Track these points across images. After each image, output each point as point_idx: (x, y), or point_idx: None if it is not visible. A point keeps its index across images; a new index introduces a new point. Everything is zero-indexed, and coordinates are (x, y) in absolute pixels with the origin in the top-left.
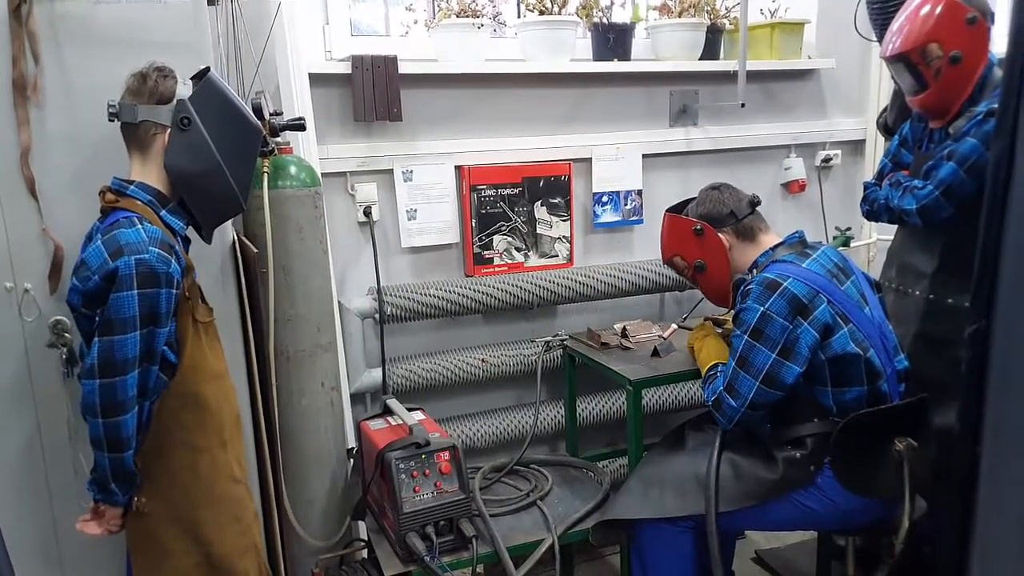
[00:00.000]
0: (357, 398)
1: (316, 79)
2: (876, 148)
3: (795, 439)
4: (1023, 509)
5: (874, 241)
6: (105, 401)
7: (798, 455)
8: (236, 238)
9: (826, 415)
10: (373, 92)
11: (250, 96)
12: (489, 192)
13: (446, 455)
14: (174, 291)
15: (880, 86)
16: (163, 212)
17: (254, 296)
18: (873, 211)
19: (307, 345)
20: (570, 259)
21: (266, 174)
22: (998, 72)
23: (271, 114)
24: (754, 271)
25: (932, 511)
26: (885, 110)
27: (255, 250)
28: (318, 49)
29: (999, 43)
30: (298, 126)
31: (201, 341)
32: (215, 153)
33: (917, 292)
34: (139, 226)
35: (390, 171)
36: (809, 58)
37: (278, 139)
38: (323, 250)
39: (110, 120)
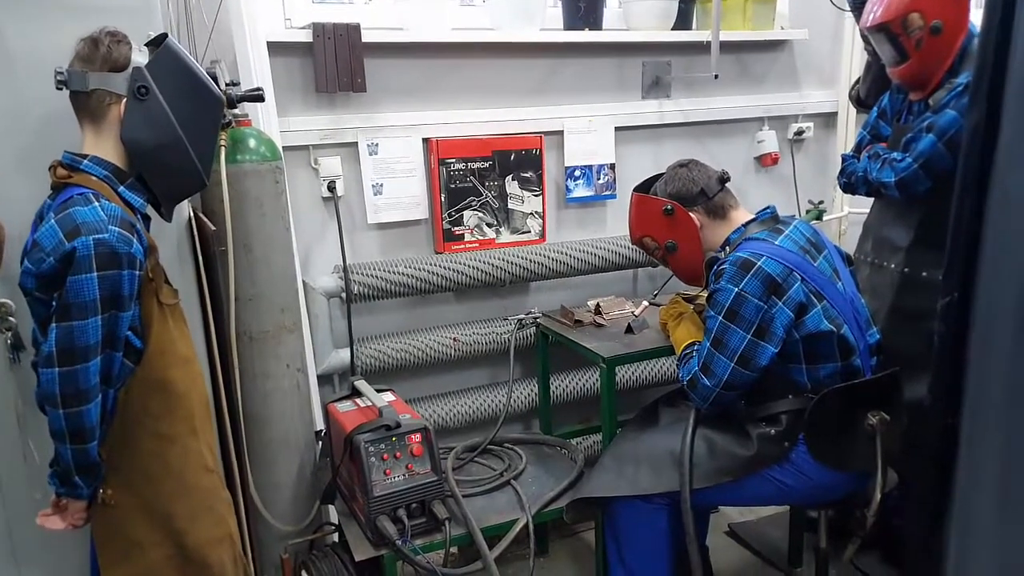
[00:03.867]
0: (324, 379)
1: (275, 48)
2: (848, 121)
3: (769, 416)
4: (1001, 481)
5: (846, 214)
6: (66, 390)
7: (772, 431)
8: (193, 215)
9: (800, 391)
10: (336, 62)
11: (204, 66)
12: (458, 166)
13: (417, 437)
14: (137, 272)
15: (852, 58)
16: (121, 188)
17: (213, 276)
18: (851, 183)
19: (270, 326)
20: (543, 235)
21: (223, 147)
22: (977, 43)
23: (228, 84)
24: (726, 249)
25: (902, 482)
26: (858, 82)
27: (213, 228)
28: (277, 16)
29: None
30: (256, 97)
31: (167, 324)
32: (175, 124)
33: (892, 266)
34: (96, 203)
35: (354, 144)
36: (782, 28)
37: (236, 111)
38: (285, 227)
39: (58, 88)
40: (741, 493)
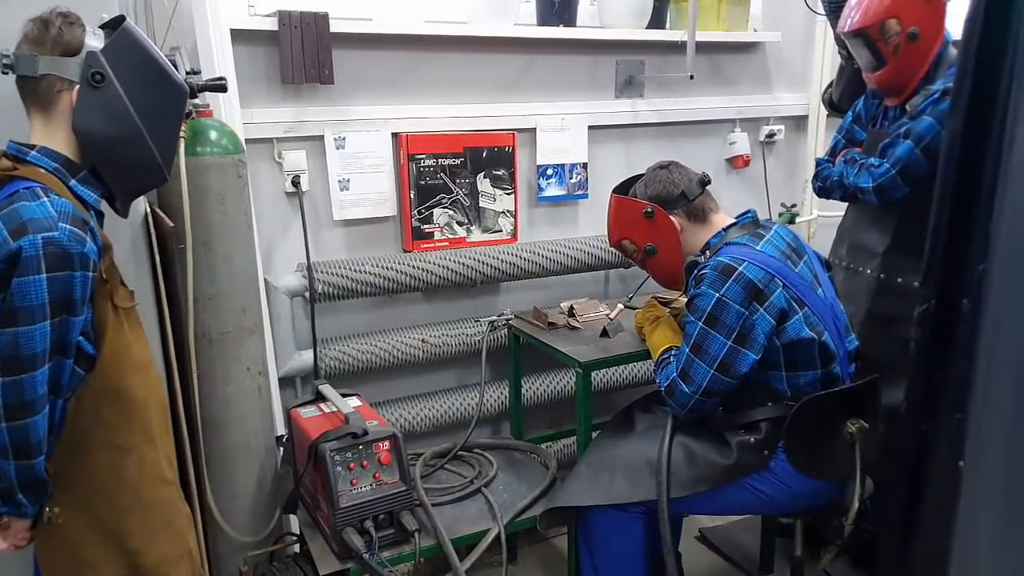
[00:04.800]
0: (286, 382)
1: (238, 36)
2: (819, 124)
3: (749, 423)
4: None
5: (815, 218)
6: (9, 401)
7: (752, 439)
8: (149, 210)
9: (780, 399)
10: (302, 52)
11: (163, 53)
12: (429, 162)
13: (385, 445)
14: (90, 274)
15: (824, 61)
16: (73, 182)
17: (170, 275)
18: (826, 188)
19: (231, 327)
20: (514, 234)
21: (183, 139)
22: (953, 50)
23: (188, 73)
24: (706, 253)
25: (876, 488)
26: (830, 85)
27: (171, 224)
28: (240, 2)
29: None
30: (219, 86)
31: (123, 328)
32: (133, 114)
33: (868, 271)
34: (45, 199)
35: (320, 138)
36: (755, 30)
37: (196, 101)
38: (247, 223)
39: (3, 72)
40: (719, 502)
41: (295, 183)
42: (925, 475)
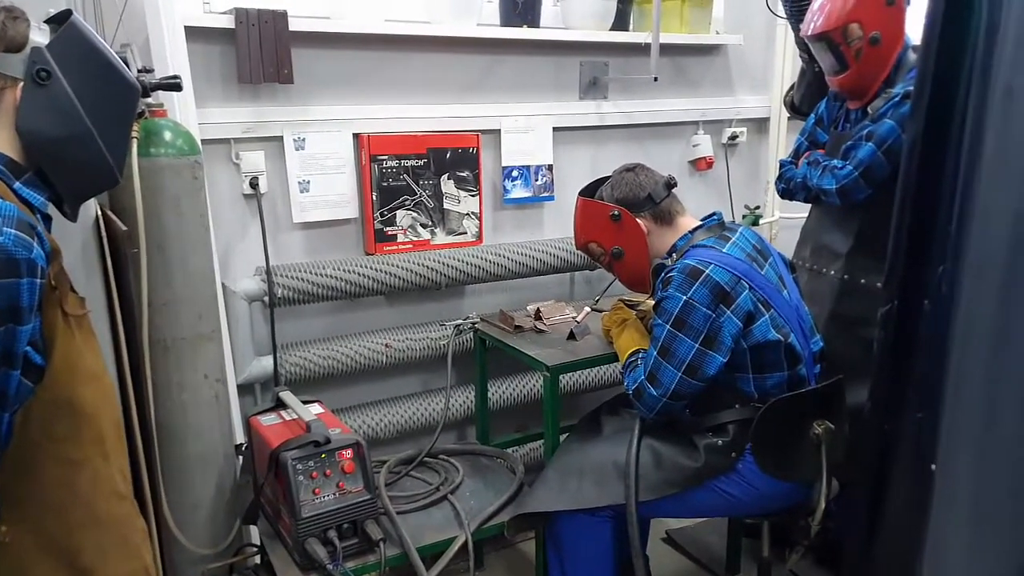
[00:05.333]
0: (245, 390)
1: (193, 33)
2: (780, 126)
3: (716, 426)
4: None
5: (777, 219)
6: None
7: (719, 442)
8: (100, 213)
9: (747, 401)
10: (260, 50)
11: (113, 49)
12: (391, 163)
13: (349, 453)
14: (38, 281)
15: (784, 64)
16: (17, 184)
17: (123, 280)
18: (789, 189)
19: (187, 333)
20: (479, 236)
21: (136, 140)
22: (912, 55)
23: (140, 71)
24: (673, 256)
25: (841, 488)
26: (792, 88)
27: (123, 227)
28: None
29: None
30: (173, 85)
31: (73, 338)
32: (81, 113)
33: (832, 272)
34: None
35: (279, 138)
36: (717, 33)
37: (149, 100)
38: (204, 226)
39: None
40: (687, 504)
41: (253, 185)
42: (889, 474)
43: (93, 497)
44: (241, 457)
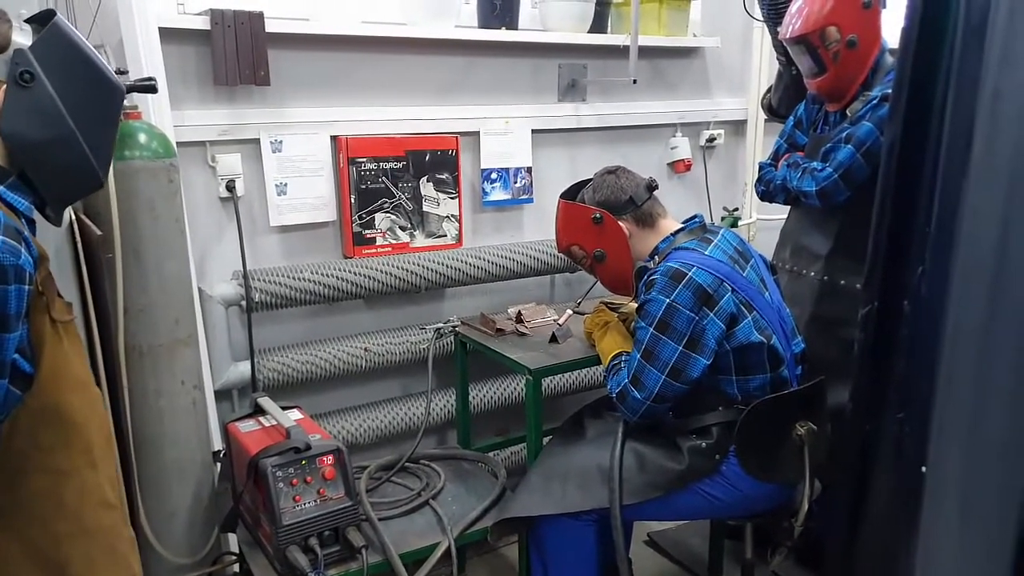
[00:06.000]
0: (222, 396)
1: (168, 35)
2: (758, 128)
3: (700, 428)
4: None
5: (755, 221)
6: None
7: (703, 444)
8: (75, 218)
9: (731, 403)
10: (236, 52)
11: None
12: (370, 166)
13: (329, 459)
14: (26, 287)
15: (762, 67)
16: (2, 188)
17: (98, 286)
18: (769, 191)
19: (164, 339)
20: (459, 239)
21: None
22: (889, 58)
23: (115, 72)
24: (655, 258)
25: (823, 489)
26: (769, 91)
27: (98, 232)
28: (169, 0)
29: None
30: (148, 87)
31: (61, 344)
32: (66, 116)
33: (812, 273)
34: None
35: (256, 141)
36: (695, 36)
37: (124, 102)
38: (180, 230)
39: None
40: (671, 507)
41: (230, 188)
42: (870, 474)
43: (81, 508)
44: (219, 464)
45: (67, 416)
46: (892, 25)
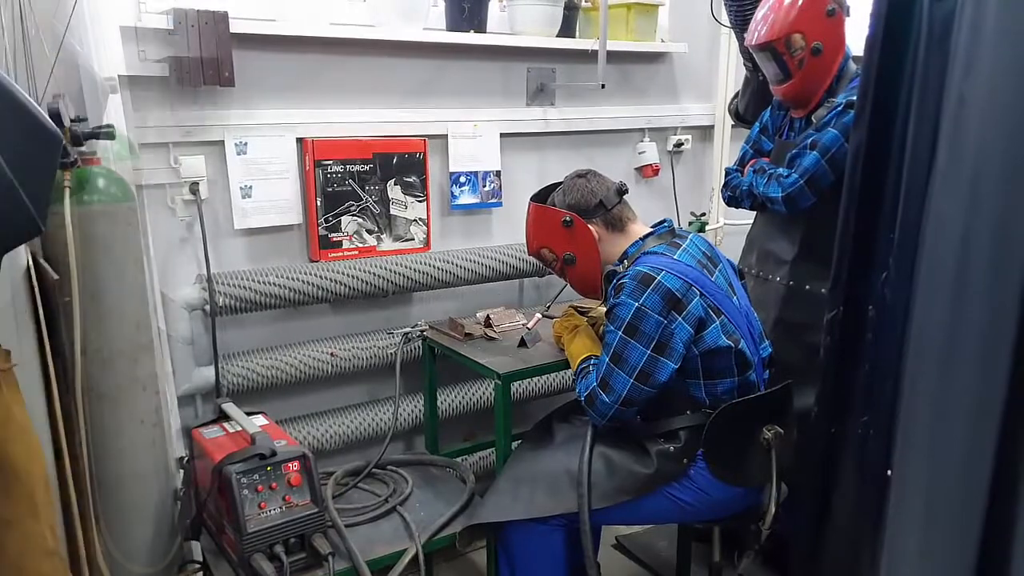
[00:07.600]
0: (185, 401)
1: (130, 34)
2: (724, 134)
3: (668, 432)
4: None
5: (722, 225)
6: None
7: (671, 448)
8: (32, 262)
9: (699, 407)
10: (200, 52)
11: (45, 100)
12: (336, 168)
13: (295, 465)
14: None
15: (729, 72)
16: None
17: (55, 328)
18: (735, 197)
19: (123, 380)
20: (427, 243)
21: (68, 189)
22: (853, 65)
23: (73, 120)
24: (624, 262)
25: (790, 492)
26: (736, 96)
27: (55, 276)
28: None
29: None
30: (106, 135)
31: (1, 393)
32: (3, 165)
33: (778, 279)
34: None
35: (220, 143)
36: (663, 41)
37: (82, 148)
38: (140, 270)
39: None
40: (639, 511)
41: (193, 190)
42: (835, 476)
43: (22, 558)
44: (182, 471)
45: (10, 465)
46: (856, 33)
